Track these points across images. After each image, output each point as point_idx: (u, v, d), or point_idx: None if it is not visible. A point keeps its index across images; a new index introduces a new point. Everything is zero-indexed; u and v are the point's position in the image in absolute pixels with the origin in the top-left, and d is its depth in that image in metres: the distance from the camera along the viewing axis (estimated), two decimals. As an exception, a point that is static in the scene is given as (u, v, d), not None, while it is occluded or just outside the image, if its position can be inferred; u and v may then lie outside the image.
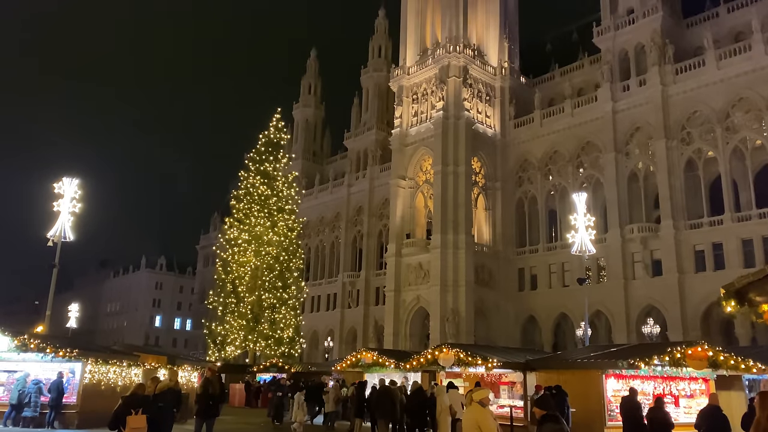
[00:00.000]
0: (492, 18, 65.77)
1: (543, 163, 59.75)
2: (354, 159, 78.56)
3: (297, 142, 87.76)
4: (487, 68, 63.44)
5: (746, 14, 50.76)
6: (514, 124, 62.38)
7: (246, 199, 49.16)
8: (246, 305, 45.75)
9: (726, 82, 48.62)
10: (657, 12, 52.98)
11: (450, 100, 59.46)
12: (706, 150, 49.90)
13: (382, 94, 78.18)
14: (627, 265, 51.19)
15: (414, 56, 65.48)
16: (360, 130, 78.98)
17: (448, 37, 61.23)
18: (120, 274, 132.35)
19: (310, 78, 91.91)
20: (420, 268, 58.69)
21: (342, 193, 77.89)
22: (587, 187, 55.19)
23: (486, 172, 61.67)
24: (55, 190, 30.53)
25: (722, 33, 52.36)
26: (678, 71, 51.28)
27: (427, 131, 61.07)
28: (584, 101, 57.84)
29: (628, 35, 55.00)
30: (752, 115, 47.65)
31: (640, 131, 53.43)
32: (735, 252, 45.88)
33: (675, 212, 49.28)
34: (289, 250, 47.52)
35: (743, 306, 8.06)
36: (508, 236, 60.27)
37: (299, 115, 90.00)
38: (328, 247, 79.42)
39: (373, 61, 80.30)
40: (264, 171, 49.63)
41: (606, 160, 54.25)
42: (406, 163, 63.18)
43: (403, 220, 61.98)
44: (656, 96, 51.49)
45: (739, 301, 8.06)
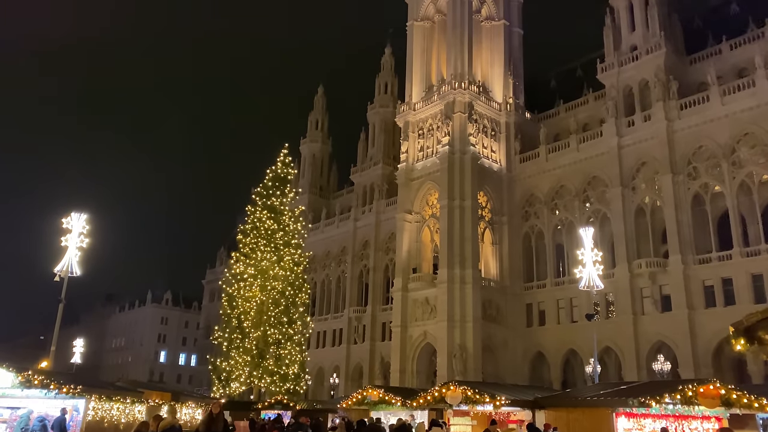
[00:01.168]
0: (496, 55, 66.72)
1: (549, 197, 59.80)
2: (360, 193, 78.91)
3: (304, 177, 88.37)
4: (492, 104, 64.10)
5: (749, 51, 51.29)
6: (519, 159, 62.68)
7: (252, 234, 49.16)
8: (251, 341, 45.41)
9: (731, 118, 48.86)
10: (660, 49, 53.62)
11: (455, 135, 59.93)
12: (712, 185, 49.85)
13: (389, 130, 78.94)
14: (636, 300, 50.67)
15: (420, 92, 66.32)
16: (366, 164, 79.51)
17: (453, 73, 62.06)
18: (126, 308, 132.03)
19: (317, 114, 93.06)
20: (427, 303, 58.31)
21: (348, 227, 78.01)
22: (594, 221, 55.12)
23: (492, 206, 61.74)
24: (63, 225, 30.73)
25: (725, 69, 52.83)
26: (682, 107, 51.63)
27: (433, 166, 61.42)
28: (589, 136, 58.17)
29: (632, 71, 55.58)
30: (758, 150, 47.72)
31: (646, 166, 53.53)
32: (745, 287, 45.39)
33: (683, 247, 48.99)
34: (295, 285, 47.29)
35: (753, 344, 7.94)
36: (515, 271, 59.95)
37: (306, 150, 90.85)
38: (335, 282, 79.17)
39: (380, 97, 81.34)
40: (271, 206, 49.77)
41: (612, 195, 54.23)
42: (413, 198, 63.38)
43: (410, 255, 61.86)
44: (661, 131, 51.74)
45: (748, 339, 7.95)
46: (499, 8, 68.05)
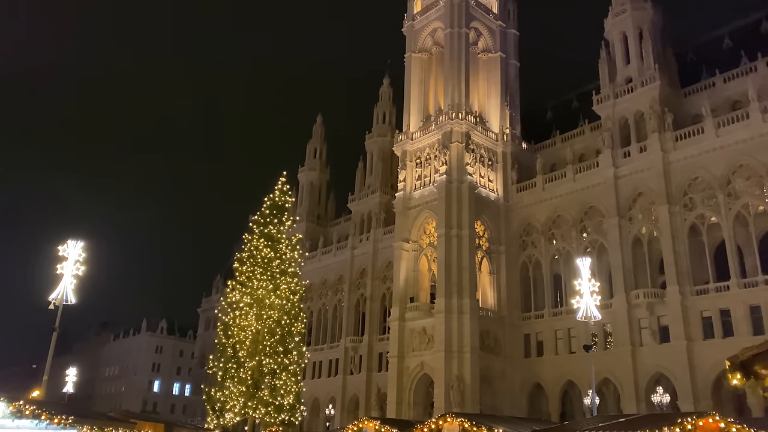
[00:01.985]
0: (493, 86, 67.56)
1: (546, 227, 59.91)
2: (358, 222, 78.97)
3: (301, 205, 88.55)
4: (489, 134, 64.64)
5: (742, 84, 51.97)
6: (516, 188, 62.96)
7: (249, 262, 48.92)
8: (246, 370, 44.88)
9: (725, 149, 49.29)
10: (655, 81, 54.33)
11: (453, 164, 60.29)
12: (708, 216, 50.04)
13: (386, 158, 79.39)
14: (634, 331, 50.41)
15: (417, 122, 66.92)
16: (364, 193, 79.75)
17: (451, 104, 62.71)
18: (120, 337, 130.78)
19: (315, 142, 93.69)
20: (424, 333, 57.90)
21: (345, 255, 77.86)
22: (591, 251, 55.14)
23: (490, 235, 61.79)
24: (59, 253, 30.61)
25: (719, 102, 53.46)
26: (678, 138, 52.11)
27: (431, 195, 61.63)
28: (586, 167, 58.56)
29: (628, 103, 56.21)
30: (753, 181, 48.04)
31: (642, 196, 53.79)
32: (743, 319, 45.23)
33: (680, 278, 48.94)
34: (291, 314, 46.94)
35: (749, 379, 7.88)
36: (513, 301, 59.72)
37: (304, 178, 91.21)
38: (331, 311, 78.69)
39: (378, 127, 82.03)
40: (268, 234, 49.67)
41: (609, 225, 54.36)
42: (410, 226, 63.44)
43: (407, 284, 61.65)
44: (657, 162, 52.13)
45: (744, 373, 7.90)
46: (496, 41, 69.13)
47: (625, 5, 59.54)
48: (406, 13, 71.79)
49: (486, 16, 69.17)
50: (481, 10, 68.68)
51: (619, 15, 59.83)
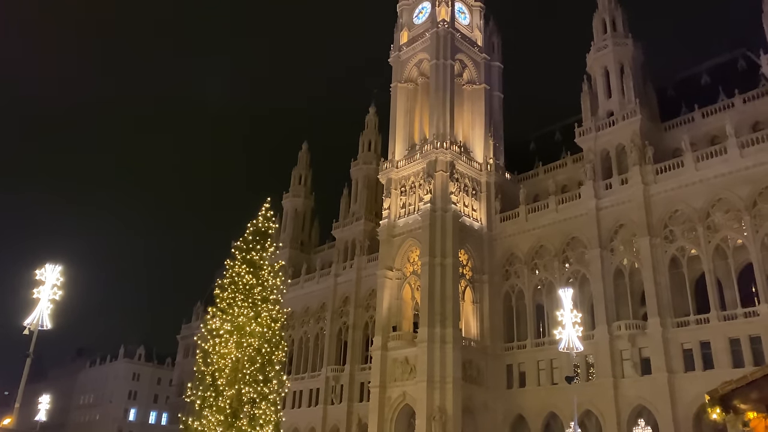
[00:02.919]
0: (477, 117, 68.44)
1: (529, 257, 60.18)
2: (341, 249, 78.69)
3: (285, 231, 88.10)
4: (473, 164, 65.22)
5: (720, 119, 53.13)
6: (500, 218, 63.34)
7: (230, 289, 48.24)
8: (225, 399, 44.03)
9: (705, 183, 50.15)
10: (636, 115, 55.39)
11: (437, 193, 60.60)
12: (689, 248, 50.65)
13: (371, 186, 79.59)
14: (616, 362, 50.43)
15: (403, 150, 67.38)
16: (348, 220, 79.67)
17: (436, 133, 63.31)
18: (96, 363, 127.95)
19: (301, 169, 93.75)
20: (406, 363, 57.39)
21: (328, 283, 77.37)
22: (573, 282, 55.40)
23: (473, 264, 61.88)
24: (36, 277, 30.03)
25: (698, 136, 54.58)
26: (658, 171, 52.95)
27: (415, 223, 61.75)
28: (568, 198, 59.17)
29: (609, 136, 57.16)
30: (732, 215, 48.82)
31: (623, 228, 54.35)
32: (723, 351, 45.50)
33: (661, 309, 49.25)
34: (272, 342, 46.17)
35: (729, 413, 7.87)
36: (496, 331, 59.56)
37: (288, 204, 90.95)
38: (312, 339, 77.82)
39: (363, 154, 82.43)
40: (250, 260, 49.21)
41: (591, 256, 54.73)
42: (394, 254, 63.35)
43: (390, 312, 61.29)
44: (638, 194, 52.84)
45: (724, 408, 7.89)
46: (480, 73, 70.28)
47: (607, 41, 60.98)
48: (392, 44, 72.87)
49: (471, 48, 70.40)
50: (466, 42, 69.92)
51: (601, 50, 61.21)
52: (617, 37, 60.88)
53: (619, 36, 60.98)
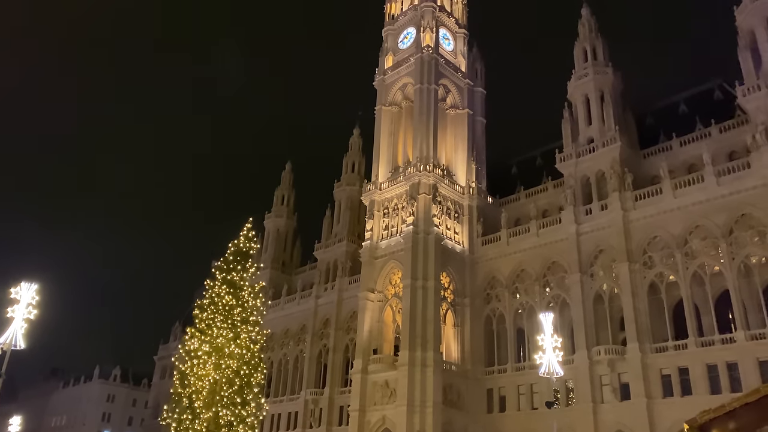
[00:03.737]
0: (460, 141, 69.12)
1: (510, 281, 60.41)
2: (323, 270, 78.32)
3: (266, 252, 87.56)
4: (456, 187, 65.65)
5: (697, 148, 54.16)
6: (482, 241, 63.64)
7: (210, 309, 47.72)
8: (202, 422, 43.23)
9: (683, 210, 50.94)
10: (615, 143, 56.29)
11: (420, 215, 60.82)
12: (667, 274, 51.21)
13: (354, 207, 79.62)
14: (595, 388, 50.51)
15: (386, 173, 67.65)
16: (331, 241, 79.45)
17: (419, 156, 63.74)
18: (70, 384, 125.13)
19: (284, 189, 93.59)
20: (386, 387, 56.94)
21: (309, 304, 76.81)
22: (554, 306, 55.68)
23: (455, 288, 61.93)
24: (11, 296, 29.44)
25: (676, 164, 55.57)
26: (637, 198, 53.70)
27: (398, 245, 61.77)
28: (549, 222, 59.69)
29: (589, 162, 57.96)
30: (709, 242, 49.56)
31: (603, 253, 54.88)
32: (701, 378, 45.84)
33: (640, 335, 49.58)
34: (251, 364, 45.64)
35: (707, 443, 7.94)
36: (476, 355, 59.45)
37: (271, 224, 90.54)
38: (292, 362, 76.96)
39: (347, 176, 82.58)
40: (231, 280, 48.75)
41: (571, 281, 55.10)
42: (376, 276, 63.19)
43: (371, 335, 60.93)
44: (618, 220, 53.48)
45: (702, 437, 7.96)
46: (463, 98, 71.18)
47: (588, 69, 62.16)
48: (377, 67, 73.58)
49: (454, 74, 71.34)
50: (450, 68, 70.87)
51: (581, 78, 62.34)
52: (598, 65, 62.11)
53: (600, 65, 62.22)
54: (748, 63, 51.36)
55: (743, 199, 48.17)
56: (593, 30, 64.84)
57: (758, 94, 49.08)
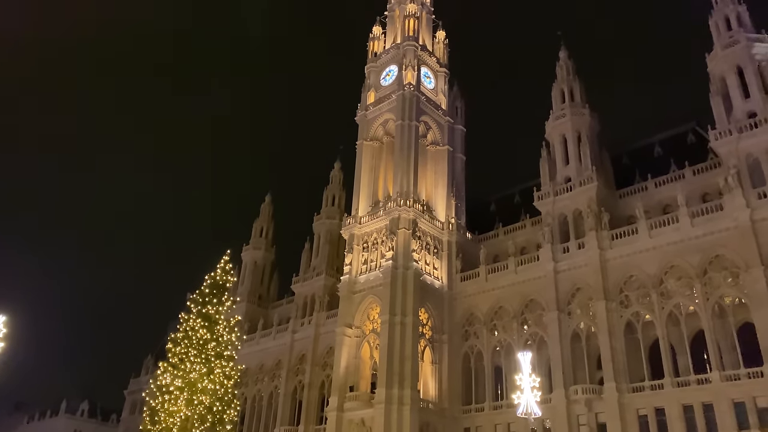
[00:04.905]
0: (440, 177, 69.71)
1: (489, 318, 60.29)
2: (300, 304, 77.45)
3: (243, 285, 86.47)
4: (436, 223, 65.91)
5: (672, 189, 55.28)
6: (460, 277, 63.64)
7: (184, 343, 46.71)
8: (171, 461, 41.87)
9: (658, 250, 51.62)
10: (592, 182, 57.22)
11: (399, 250, 60.76)
12: (643, 313, 51.54)
13: (334, 241, 79.33)
14: (573, 428, 50.16)
15: (366, 207, 67.75)
16: (309, 274, 78.80)
17: (399, 191, 64.03)
18: (35, 419, 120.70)
19: (263, 221, 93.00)
20: (362, 425, 55.89)
21: (285, 339, 75.66)
22: (531, 344, 55.56)
23: (433, 324, 61.58)
24: (-24, 327, 28.50)
25: (652, 204, 56.58)
26: (614, 237, 54.35)
27: (376, 279, 61.46)
28: (527, 260, 60.00)
29: (567, 201, 58.71)
30: (684, 282, 50.14)
31: (580, 292, 55.17)
32: (677, 419, 45.80)
33: (617, 374, 49.57)
34: (224, 400, 44.59)
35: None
36: (454, 393, 58.81)
37: (248, 257, 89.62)
38: (266, 398, 75.36)
39: (327, 209, 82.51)
40: (206, 314, 47.89)
41: (549, 319, 55.17)
42: (354, 311, 62.63)
43: (348, 372, 60.04)
44: (595, 259, 53.96)
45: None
46: (444, 135, 72.12)
47: (565, 110, 63.52)
48: (359, 103, 74.40)
49: (435, 111, 72.40)
50: (431, 105, 71.94)
51: (559, 119, 63.64)
52: (575, 106, 63.52)
53: (577, 106, 63.65)
54: (719, 108, 52.93)
55: (716, 240, 49.03)
56: (570, 72, 66.52)
57: (730, 138, 50.48)
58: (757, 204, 47.56)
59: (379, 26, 79.15)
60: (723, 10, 57.07)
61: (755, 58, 53.49)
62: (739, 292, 47.64)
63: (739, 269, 47.34)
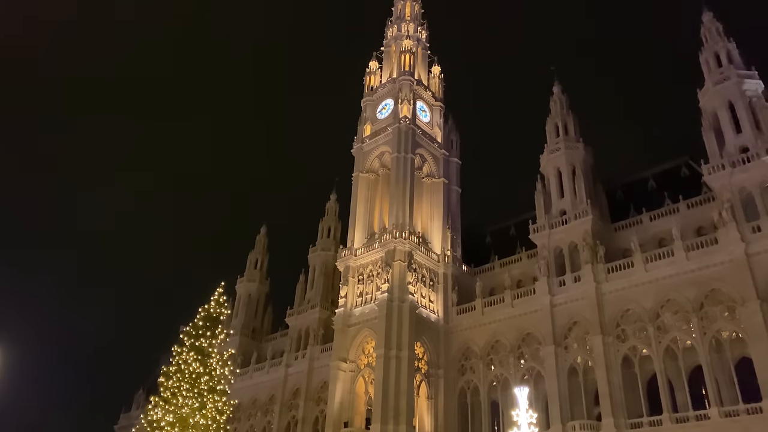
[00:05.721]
0: (436, 209, 69.87)
1: (485, 351, 59.72)
2: (295, 337, 76.67)
3: (237, 317, 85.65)
4: (431, 255, 65.78)
5: (667, 223, 55.47)
6: (456, 310, 63.24)
7: (176, 377, 45.97)
8: (160, 499, 40.85)
9: (654, 284, 51.51)
10: (587, 215, 57.41)
11: (395, 282, 60.45)
12: (640, 348, 51.16)
13: (329, 273, 78.99)
14: (571, 465, 49.25)
15: (362, 239, 67.66)
16: (303, 307, 78.21)
17: (395, 223, 64.05)
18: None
19: (257, 253, 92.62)
20: (357, 461, 54.82)
21: (279, 373, 74.65)
22: (528, 379, 54.96)
23: (429, 358, 60.93)
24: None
25: (647, 238, 56.65)
26: (610, 270, 54.24)
27: (372, 312, 60.99)
28: (523, 293, 59.72)
29: (562, 234, 58.78)
30: (680, 316, 49.93)
31: (577, 326, 54.82)
32: (677, 455, 45.07)
33: (615, 410, 48.92)
34: (216, 436, 43.71)
35: None
36: (450, 428, 57.83)
37: (242, 289, 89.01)
38: (259, 433, 73.95)
39: (322, 241, 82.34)
40: (199, 347, 47.24)
41: (546, 353, 54.68)
42: (349, 345, 61.97)
43: (342, 407, 59.10)
44: (591, 292, 53.79)
45: None
46: (439, 167, 72.56)
47: (560, 144, 64.11)
48: (356, 135, 75.00)
49: (431, 144, 72.99)
50: (426, 138, 72.56)
51: (553, 152, 64.17)
52: (569, 140, 64.13)
53: (571, 140, 64.27)
54: (712, 142, 53.51)
55: (712, 274, 49.00)
56: (564, 107, 67.37)
57: (723, 172, 50.92)
58: (751, 238, 47.72)
59: (375, 61, 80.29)
60: (713, 47, 58.20)
61: (746, 94, 54.33)
62: (735, 326, 47.42)
63: (736, 303, 47.21)
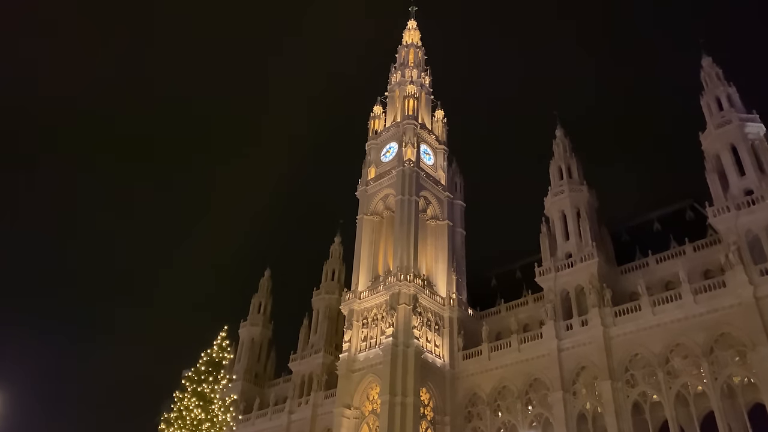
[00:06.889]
0: (440, 252, 69.61)
1: (492, 398, 58.53)
2: (298, 383, 75.37)
3: (239, 362, 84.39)
4: (437, 298, 65.22)
5: (673, 265, 55.06)
6: (462, 355, 62.25)
7: (177, 424, 45.08)
8: None
9: (662, 327, 50.79)
10: (593, 258, 57.07)
11: (400, 326, 59.76)
12: (650, 393, 50.12)
13: (333, 317, 78.20)
14: None
15: (366, 282, 67.25)
16: (307, 352, 77.13)
17: (400, 266, 63.73)
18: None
19: (261, 297, 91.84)
20: None
21: (282, 420, 73.10)
22: (537, 426, 53.75)
23: (435, 404, 59.70)
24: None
25: (654, 281, 56.13)
26: (617, 314, 53.59)
27: (376, 357, 60.10)
28: (530, 337, 58.88)
29: (568, 277, 58.34)
30: (690, 360, 49.05)
31: (585, 370, 53.86)
32: (693, 507, 43.56)
33: (627, 459, 47.59)
34: (217, 486, 42.59)
35: None
36: (456, 477, 56.25)
37: (245, 333, 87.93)
38: (261, 482, 71.99)
39: (326, 284, 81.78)
40: (201, 393, 46.46)
41: (554, 399, 53.55)
42: (353, 391, 60.86)
43: (346, 454, 57.64)
44: (598, 336, 53.02)
45: None
46: (444, 210, 72.68)
47: (563, 186, 64.29)
48: (360, 178, 75.50)
49: (435, 186, 73.33)
50: (430, 181, 72.96)
51: (557, 195, 64.31)
52: (573, 183, 64.35)
53: (575, 182, 64.49)
54: (716, 185, 53.59)
55: (721, 317, 48.37)
56: (567, 150, 67.85)
57: (728, 215, 50.83)
58: (759, 281, 47.26)
59: (379, 105, 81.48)
60: (714, 91, 58.92)
61: (748, 137, 54.72)
62: (747, 371, 46.52)
63: (746, 347, 46.43)
